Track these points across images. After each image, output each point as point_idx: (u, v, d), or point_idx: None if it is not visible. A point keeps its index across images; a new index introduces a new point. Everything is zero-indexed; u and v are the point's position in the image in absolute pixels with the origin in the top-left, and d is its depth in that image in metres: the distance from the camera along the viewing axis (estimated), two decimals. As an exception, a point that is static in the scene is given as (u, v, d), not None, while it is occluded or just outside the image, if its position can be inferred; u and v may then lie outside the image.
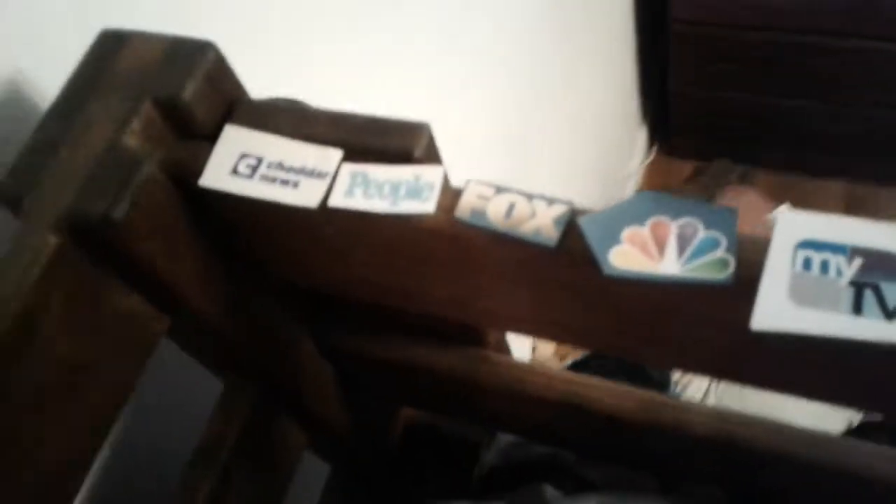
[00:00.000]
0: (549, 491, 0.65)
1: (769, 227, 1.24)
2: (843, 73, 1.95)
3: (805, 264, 0.35)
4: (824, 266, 0.35)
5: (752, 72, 2.04)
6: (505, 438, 0.72)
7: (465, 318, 0.49)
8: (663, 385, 0.85)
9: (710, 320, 0.38)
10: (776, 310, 0.34)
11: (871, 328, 0.33)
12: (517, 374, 0.58)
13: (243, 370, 0.58)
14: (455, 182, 0.42)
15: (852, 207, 2.22)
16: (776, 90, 2.08)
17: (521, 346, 1.64)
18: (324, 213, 0.42)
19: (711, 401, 1.55)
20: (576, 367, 0.83)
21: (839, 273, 0.35)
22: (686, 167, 2.44)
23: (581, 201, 0.40)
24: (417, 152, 0.43)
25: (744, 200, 1.89)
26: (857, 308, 0.34)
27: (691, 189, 2.29)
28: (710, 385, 1.54)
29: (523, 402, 0.59)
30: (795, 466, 0.53)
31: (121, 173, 0.42)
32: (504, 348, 0.64)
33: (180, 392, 0.62)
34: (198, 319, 0.51)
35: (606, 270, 0.37)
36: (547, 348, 1.72)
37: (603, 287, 0.38)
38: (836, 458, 0.52)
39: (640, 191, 2.40)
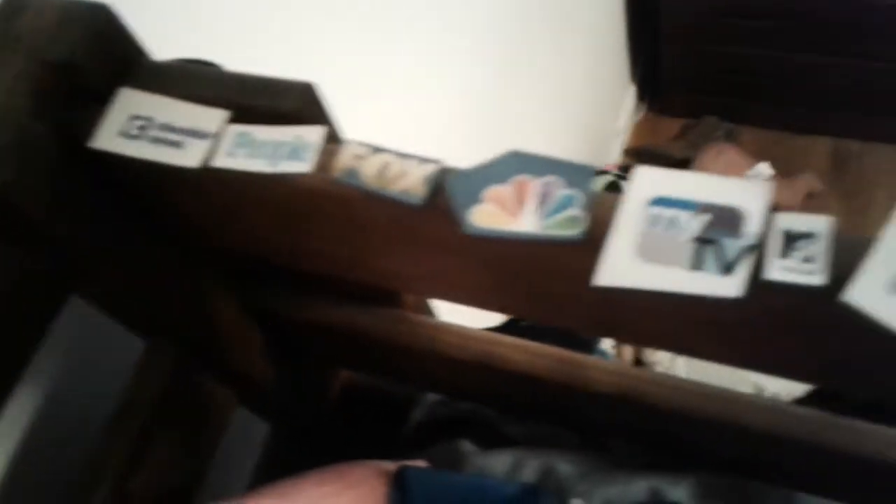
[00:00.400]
0: (467, 446, 0.66)
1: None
2: (831, 26, 1.92)
3: (654, 221, 0.36)
4: (672, 222, 0.35)
5: (741, 27, 2.01)
6: (432, 396, 0.74)
7: (362, 277, 0.49)
8: (589, 345, 0.85)
9: (571, 276, 0.38)
10: (620, 266, 0.35)
11: (707, 282, 0.34)
12: (432, 334, 0.59)
13: (163, 331, 0.60)
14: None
15: (837, 164, 2.21)
16: (765, 45, 2.06)
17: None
18: (207, 173, 0.42)
19: (681, 366, 1.56)
20: (506, 327, 0.83)
21: (685, 229, 0.35)
22: (674, 125, 2.43)
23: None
24: (302, 112, 0.44)
25: (724, 158, 1.89)
26: (698, 263, 0.34)
27: (678, 146, 2.28)
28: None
29: (439, 361, 0.60)
30: (696, 421, 0.54)
31: (10, 136, 0.43)
32: (424, 309, 0.65)
33: (104, 353, 0.63)
34: (102, 282, 0.52)
35: (466, 229, 0.38)
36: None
37: (471, 244, 0.39)
38: (731, 413, 0.53)
39: (627, 149, 2.39)
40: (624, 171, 2.18)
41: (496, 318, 1.27)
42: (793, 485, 0.61)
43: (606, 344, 1.66)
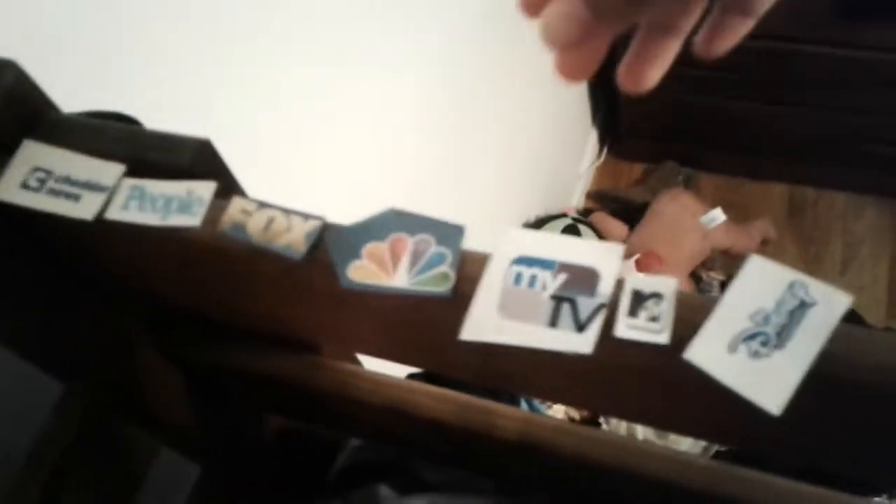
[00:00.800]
0: (384, 491, 0.67)
1: (703, 230, 1.28)
2: (790, 77, 1.98)
3: (516, 279, 0.37)
4: (532, 281, 0.37)
5: (702, 74, 2.06)
6: (355, 441, 0.74)
7: (258, 327, 0.50)
8: (513, 397, 0.86)
9: (444, 331, 0.39)
10: (483, 322, 0.37)
11: (563, 340, 0.35)
12: (345, 380, 0.60)
13: (80, 374, 0.60)
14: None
15: (793, 211, 2.26)
16: (725, 92, 2.11)
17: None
18: (101, 225, 0.44)
19: (639, 428, 1.57)
20: (430, 375, 0.84)
21: (544, 287, 0.37)
22: (636, 169, 2.48)
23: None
24: (198, 167, 0.45)
25: (678, 203, 1.92)
26: (554, 321, 0.36)
27: (638, 191, 2.32)
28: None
29: (353, 406, 0.61)
30: (603, 470, 0.55)
31: None
32: (345, 355, 0.66)
33: (24, 397, 0.63)
34: (12, 323, 0.52)
35: (343, 283, 0.39)
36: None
37: (352, 298, 0.40)
38: (637, 462, 0.54)
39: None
40: (583, 214, 2.21)
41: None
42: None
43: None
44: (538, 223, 1.98)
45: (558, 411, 1.45)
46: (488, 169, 1.62)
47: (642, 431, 1.52)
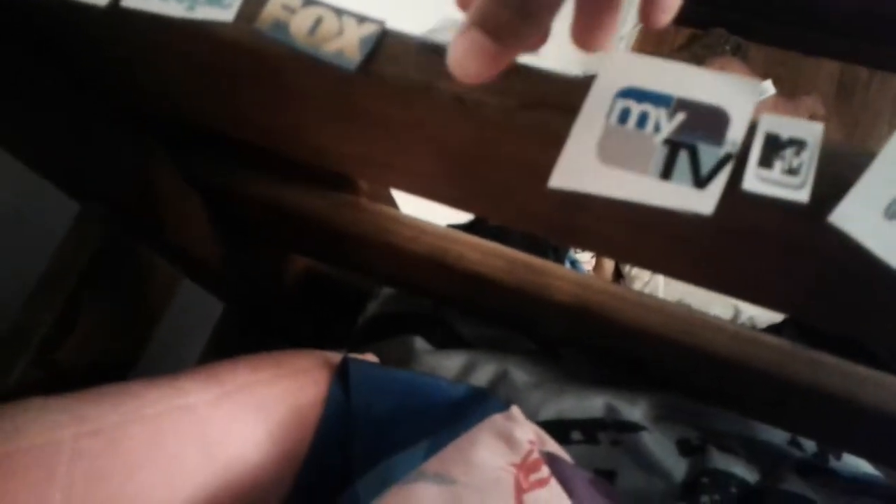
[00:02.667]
0: (419, 343, 0.62)
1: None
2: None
3: (622, 116, 0.30)
4: (642, 120, 0.30)
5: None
6: (388, 290, 0.69)
7: (290, 151, 0.44)
8: (559, 255, 0.81)
9: (527, 171, 0.33)
10: (579, 167, 0.30)
11: (677, 195, 0.29)
12: (384, 225, 0.54)
13: (96, 195, 0.55)
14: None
15: (843, 91, 2.14)
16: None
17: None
18: (115, 15, 0.36)
19: (660, 283, 1.53)
20: (473, 227, 0.78)
21: (657, 129, 0.30)
22: (680, 34, 2.33)
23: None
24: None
25: (729, 72, 1.80)
26: (667, 172, 0.29)
27: (682, 57, 2.19)
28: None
29: (390, 252, 0.55)
30: (655, 340, 0.50)
31: None
32: (383, 197, 0.60)
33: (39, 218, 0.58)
34: (18, 131, 0.46)
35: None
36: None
37: (414, 120, 0.34)
38: (693, 335, 0.49)
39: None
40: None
41: (463, 216, 1.22)
42: (750, 413, 0.58)
43: (585, 256, 1.62)
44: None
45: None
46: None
47: (663, 290, 1.48)
